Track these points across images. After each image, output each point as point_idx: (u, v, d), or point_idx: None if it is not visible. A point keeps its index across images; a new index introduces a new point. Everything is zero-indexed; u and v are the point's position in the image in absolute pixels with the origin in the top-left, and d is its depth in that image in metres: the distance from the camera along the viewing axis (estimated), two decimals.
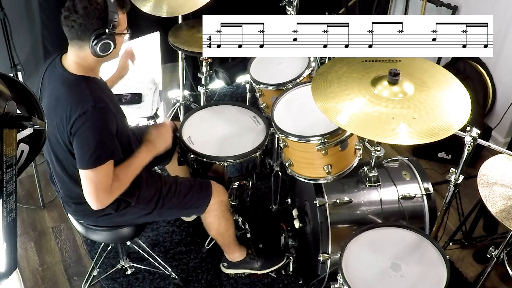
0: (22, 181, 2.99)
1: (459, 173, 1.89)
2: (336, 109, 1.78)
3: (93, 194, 1.80)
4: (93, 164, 1.76)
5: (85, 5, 1.69)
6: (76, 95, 1.77)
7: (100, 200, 1.82)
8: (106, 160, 1.79)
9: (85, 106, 1.73)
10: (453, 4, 3.26)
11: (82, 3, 1.70)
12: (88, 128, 1.74)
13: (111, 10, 1.71)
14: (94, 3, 1.70)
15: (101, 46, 1.74)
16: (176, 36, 2.86)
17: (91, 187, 1.80)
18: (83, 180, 1.80)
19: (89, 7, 1.69)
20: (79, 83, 1.80)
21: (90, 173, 1.77)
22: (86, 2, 1.69)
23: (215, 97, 3.63)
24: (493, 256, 2.08)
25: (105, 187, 1.81)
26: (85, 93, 1.76)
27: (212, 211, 2.20)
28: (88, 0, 1.69)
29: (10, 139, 0.85)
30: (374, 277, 1.81)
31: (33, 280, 2.52)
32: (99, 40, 1.73)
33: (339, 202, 2.13)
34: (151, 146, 2.00)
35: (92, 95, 1.76)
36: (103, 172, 1.79)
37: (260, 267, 2.48)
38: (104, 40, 1.73)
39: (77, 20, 1.71)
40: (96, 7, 1.70)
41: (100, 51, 1.75)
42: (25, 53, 2.85)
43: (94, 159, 1.76)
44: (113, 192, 1.86)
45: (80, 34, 1.74)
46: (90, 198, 1.82)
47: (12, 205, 0.88)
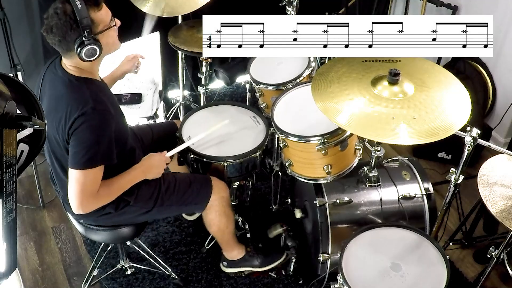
0: (22, 181, 2.99)
1: (459, 173, 1.89)
2: (336, 109, 1.78)
3: (78, 196, 1.80)
4: (84, 165, 1.77)
5: (56, 22, 1.70)
6: (76, 96, 1.77)
7: (83, 204, 1.82)
8: (97, 164, 1.79)
9: (85, 107, 1.73)
10: (453, 4, 3.26)
11: (53, 20, 1.71)
12: (85, 128, 1.74)
13: (81, 16, 1.70)
14: (63, 17, 1.70)
15: (86, 52, 1.74)
16: (176, 36, 2.86)
17: (77, 189, 1.79)
18: (71, 180, 1.80)
19: (59, 22, 1.70)
20: (80, 85, 1.80)
21: (79, 173, 1.77)
22: (56, 19, 1.70)
23: (215, 97, 3.63)
24: (493, 256, 2.08)
25: (90, 192, 1.81)
26: (86, 94, 1.77)
27: (213, 207, 2.20)
28: (57, 16, 1.70)
29: (10, 139, 0.85)
30: (374, 277, 1.81)
31: (33, 280, 2.52)
32: (82, 48, 1.73)
33: (339, 202, 2.13)
34: (145, 170, 2.01)
35: (92, 97, 1.77)
36: (92, 175, 1.79)
37: (260, 264, 2.48)
38: (87, 46, 1.73)
39: (55, 38, 1.73)
40: (66, 19, 1.70)
41: (88, 56, 1.75)
42: (25, 53, 2.85)
43: (86, 160, 1.76)
44: (99, 199, 1.86)
45: (65, 48, 1.76)
46: (73, 200, 1.81)
47: (12, 205, 0.88)
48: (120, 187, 1.93)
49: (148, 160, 2.03)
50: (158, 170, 2.05)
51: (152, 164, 2.03)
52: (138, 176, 1.99)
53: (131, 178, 1.96)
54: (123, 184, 1.94)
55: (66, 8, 1.69)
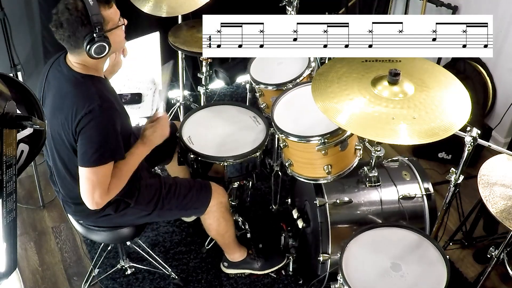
0: (22, 181, 2.99)
1: (459, 173, 1.89)
2: (336, 109, 1.78)
3: (90, 193, 1.80)
4: (94, 163, 1.76)
5: (67, 17, 1.69)
6: (83, 93, 1.77)
7: (96, 200, 1.81)
8: (108, 161, 1.79)
9: (92, 104, 1.73)
10: (453, 4, 3.26)
11: (64, 15, 1.70)
12: (93, 126, 1.74)
13: (93, 13, 1.69)
14: (75, 12, 1.69)
15: (95, 49, 1.74)
16: (176, 36, 2.86)
17: (89, 186, 1.79)
18: (82, 179, 1.80)
19: (71, 18, 1.69)
20: (86, 82, 1.80)
21: (90, 171, 1.77)
22: (67, 14, 1.69)
23: (215, 97, 3.63)
24: (493, 256, 2.08)
25: (103, 188, 1.81)
26: (92, 91, 1.77)
27: (212, 212, 2.20)
28: (68, 12, 1.69)
29: (10, 139, 0.85)
30: (374, 277, 1.81)
31: (33, 280, 2.52)
32: (92, 45, 1.72)
33: (339, 202, 2.13)
34: (147, 140, 1.97)
35: (98, 94, 1.76)
36: (103, 172, 1.79)
37: (260, 268, 2.48)
38: (97, 43, 1.73)
39: (64, 33, 1.72)
40: (77, 15, 1.69)
41: (97, 54, 1.75)
42: (25, 53, 2.85)
43: (96, 157, 1.76)
44: (110, 191, 1.85)
45: (73, 44, 1.75)
46: (86, 198, 1.81)
47: (12, 205, 0.88)
48: (129, 170, 1.90)
49: (145, 131, 1.99)
50: (161, 131, 2.00)
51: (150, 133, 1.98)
52: (142, 151, 1.95)
53: (136, 157, 1.93)
54: (131, 166, 1.91)
55: (77, 4, 1.69)
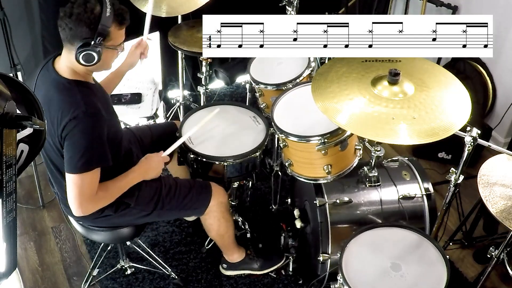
0: (22, 181, 2.99)
1: (459, 173, 1.89)
2: (336, 109, 1.78)
3: (77, 200, 1.80)
4: (80, 169, 1.76)
5: (80, 11, 1.68)
6: (68, 99, 1.76)
7: (82, 207, 1.81)
8: (94, 167, 1.78)
9: (76, 110, 1.72)
10: (453, 4, 3.26)
11: (78, 8, 1.69)
12: (78, 132, 1.73)
13: (103, 23, 1.69)
14: (89, 12, 1.68)
15: (84, 55, 1.72)
16: (176, 36, 2.86)
17: (76, 192, 1.79)
18: (69, 185, 1.79)
19: (83, 14, 1.68)
20: (71, 87, 1.78)
21: (76, 177, 1.77)
22: (81, 9, 1.68)
23: (215, 97, 3.63)
24: (493, 256, 2.08)
25: (89, 194, 1.80)
26: (77, 97, 1.75)
27: (212, 212, 2.20)
28: (84, 7, 1.68)
29: (10, 139, 0.85)
30: (374, 277, 1.81)
31: (32, 280, 2.52)
32: (83, 50, 1.71)
33: (339, 202, 2.13)
34: (143, 171, 2.00)
35: (83, 100, 1.75)
36: (89, 178, 1.79)
37: (259, 268, 2.48)
38: (88, 50, 1.71)
39: (68, 24, 1.71)
40: (89, 16, 1.68)
41: (83, 60, 1.73)
42: (25, 53, 2.84)
43: (82, 164, 1.76)
44: (98, 201, 1.86)
45: (70, 38, 1.73)
46: (73, 204, 1.81)
47: (12, 205, 0.88)
48: (119, 189, 1.93)
49: (146, 161, 2.03)
50: (156, 171, 2.05)
51: (150, 165, 2.03)
52: (137, 177, 1.98)
53: (129, 180, 1.96)
54: (122, 186, 1.94)
55: (95, 8, 1.69)
